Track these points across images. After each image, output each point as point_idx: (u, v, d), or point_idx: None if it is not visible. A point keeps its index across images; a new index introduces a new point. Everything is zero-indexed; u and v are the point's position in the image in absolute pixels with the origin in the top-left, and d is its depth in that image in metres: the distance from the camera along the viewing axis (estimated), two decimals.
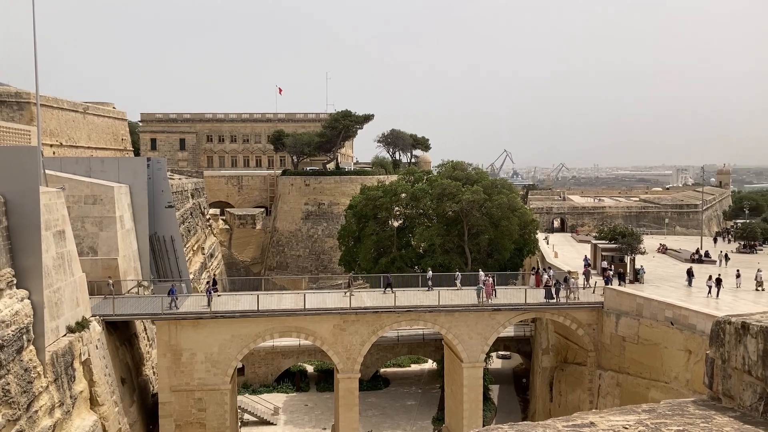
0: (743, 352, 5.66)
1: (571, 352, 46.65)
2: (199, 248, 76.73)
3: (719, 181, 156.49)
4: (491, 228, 58.35)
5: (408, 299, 44.04)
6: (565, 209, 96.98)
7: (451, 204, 58.13)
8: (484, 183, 61.89)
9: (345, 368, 42.09)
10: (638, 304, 39.25)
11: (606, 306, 41.81)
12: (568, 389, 45.68)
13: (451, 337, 42.96)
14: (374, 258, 62.88)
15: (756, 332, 5.45)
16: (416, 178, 68.04)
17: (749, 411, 5.56)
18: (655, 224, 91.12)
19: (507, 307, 43.29)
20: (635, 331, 38.96)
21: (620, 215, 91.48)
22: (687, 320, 34.77)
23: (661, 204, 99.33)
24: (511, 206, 59.69)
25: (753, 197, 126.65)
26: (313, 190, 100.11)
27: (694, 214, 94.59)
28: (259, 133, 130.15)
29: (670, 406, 5.77)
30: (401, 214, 65.11)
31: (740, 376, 5.74)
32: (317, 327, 41.89)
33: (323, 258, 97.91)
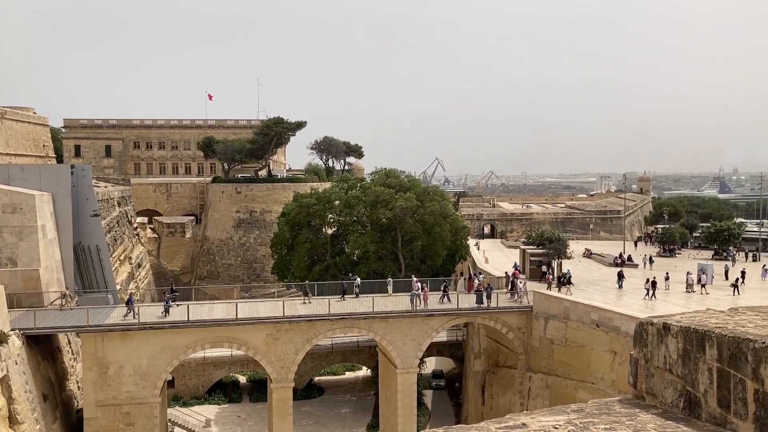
0: (665, 352, 5.94)
1: (502, 356, 47.59)
2: (126, 258, 74.38)
3: (640, 188, 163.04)
4: (424, 234, 58.99)
5: (342, 307, 43.96)
6: (495, 216, 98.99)
7: (385, 211, 58.45)
8: (417, 190, 62.51)
9: (278, 378, 41.60)
10: (565, 308, 40.43)
11: (535, 310, 42.88)
12: (499, 392, 46.57)
13: (385, 343, 43.11)
14: (308, 266, 62.50)
15: (676, 332, 5.74)
16: (350, 185, 68.14)
17: (671, 408, 5.84)
18: (580, 229, 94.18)
19: (440, 312, 43.80)
20: (563, 333, 40.10)
21: (547, 221, 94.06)
22: (612, 322, 36.05)
23: (585, 210, 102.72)
24: (443, 213, 60.50)
25: (672, 203, 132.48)
26: (244, 197, 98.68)
27: (617, 219, 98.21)
28: (188, 139, 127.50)
29: (598, 406, 6.00)
30: (335, 221, 65.01)
31: (662, 375, 6.02)
32: (250, 336, 41.28)
33: (255, 266, 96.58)
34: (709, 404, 5.23)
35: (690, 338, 5.51)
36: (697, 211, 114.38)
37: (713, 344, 5.14)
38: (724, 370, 4.97)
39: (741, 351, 4.74)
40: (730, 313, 6.20)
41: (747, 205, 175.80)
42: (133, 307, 40.94)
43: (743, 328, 5.20)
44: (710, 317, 6.02)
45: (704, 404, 5.30)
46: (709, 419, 5.24)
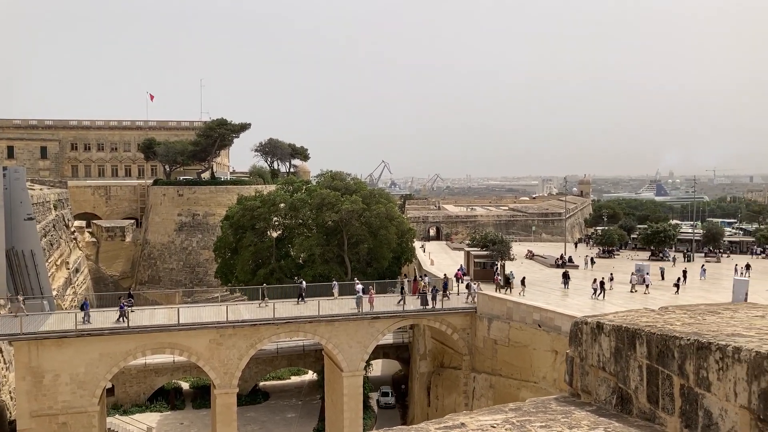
0: (598, 350, 6.10)
1: (447, 357, 48.04)
2: (63, 263, 71.97)
3: (581, 191, 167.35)
4: (370, 237, 59.08)
5: (287, 311, 43.60)
6: (441, 218, 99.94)
7: (331, 214, 58.30)
8: (363, 193, 62.59)
9: (222, 383, 40.96)
10: (508, 308, 41.12)
11: (479, 311, 43.45)
12: (444, 393, 46.98)
13: (331, 346, 42.96)
14: (252, 270, 61.78)
15: (609, 331, 5.90)
16: (295, 188, 67.69)
17: (604, 405, 5.99)
18: (523, 231, 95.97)
19: (386, 314, 43.92)
20: (506, 334, 40.76)
21: (491, 223, 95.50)
22: (553, 322, 36.85)
23: (528, 213, 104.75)
24: (389, 216, 60.74)
25: (611, 206, 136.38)
26: (187, 200, 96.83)
27: (558, 221, 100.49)
28: (128, 141, 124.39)
29: (535, 404, 6.11)
30: (280, 224, 64.45)
31: (596, 373, 6.18)
32: (192, 342, 40.50)
33: (198, 271, 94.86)
34: (639, 400, 5.38)
35: (622, 337, 5.67)
36: (635, 214, 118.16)
37: (643, 342, 5.30)
38: (653, 367, 5.13)
39: (668, 348, 4.90)
40: (661, 312, 6.40)
41: (682, 207, 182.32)
42: (89, 312, 39.88)
43: (671, 326, 5.38)
44: (642, 316, 6.20)
45: (635, 400, 5.45)
46: (639, 414, 5.40)
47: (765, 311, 6.17)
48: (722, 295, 45.91)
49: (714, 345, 4.35)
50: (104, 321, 40.48)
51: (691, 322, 5.64)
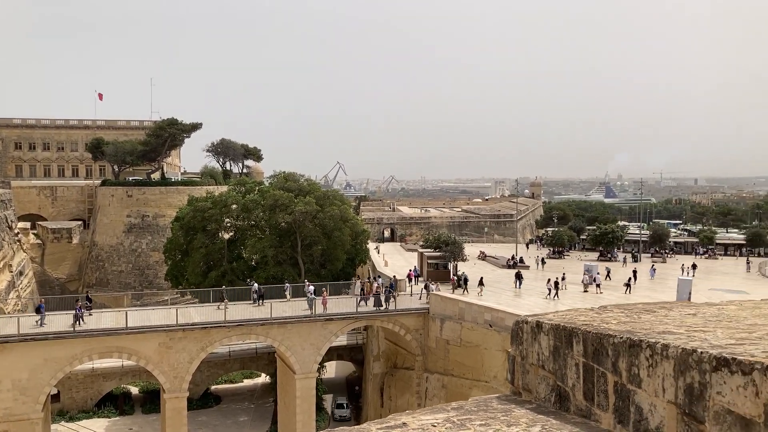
0: (538, 349, 6.21)
1: (401, 357, 48.21)
2: (6, 266, 69.62)
3: (532, 193, 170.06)
4: (324, 239, 58.87)
5: (239, 313, 43.11)
6: (395, 219, 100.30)
7: (284, 215, 57.88)
8: (317, 194, 62.33)
9: (172, 387, 40.23)
10: (461, 309, 41.50)
11: (432, 311, 43.74)
12: (397, 394, 47.13)
13: (283, 349, 42.65)
14: (203, 272, 60.87)
15: (548, 330, 6.01)
16: (248, 189, 66.95)
17: (544, 402, 6.10)
18: (476, 233, 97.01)
19: (339, 316, 43.83)
20: (458, 334, 41.14)
21: (445, 225, 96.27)
22: (504, 322, 37.34)
23: (481, 214, 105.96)
24: (344, 217, 60.63)
25: (561, 207, 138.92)
26: (136, 201, 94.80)
27: (510, 223, 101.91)
28: (75, 140, 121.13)
29: (477, 403, 6.17)
30: (232, 225, 63.67)
31: (536, 371, 6.28)
32: (141, 346, 39.68)
33: (148, 273, 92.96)
34: (576, 397, 5.49)
35: (560, 335, 5.77)
36: (585, 215, 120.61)
37: (579, 341, 5.41)
38: (589, 365, 5.24)
39: (603, 346, 5.01)
40: (599, 311, 6.55)
41: (630, 209, 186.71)
42: (44, 314, 38.76)
43: (607, 325, 5.51)
44: (580, 315, 6.33)
45: (572, 398, 5.56)
46: (576, 412, 5.51)
47: (698, 309, 6.37)
48: (668, 294, 47.27)
49: (645, 343, 4.46)
50: (50, 325, 39.33)
51: (627, 320, 5.78)
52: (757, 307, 6.37)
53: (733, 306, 6.55)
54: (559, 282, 46.42)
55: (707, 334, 4.56)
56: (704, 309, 6.34)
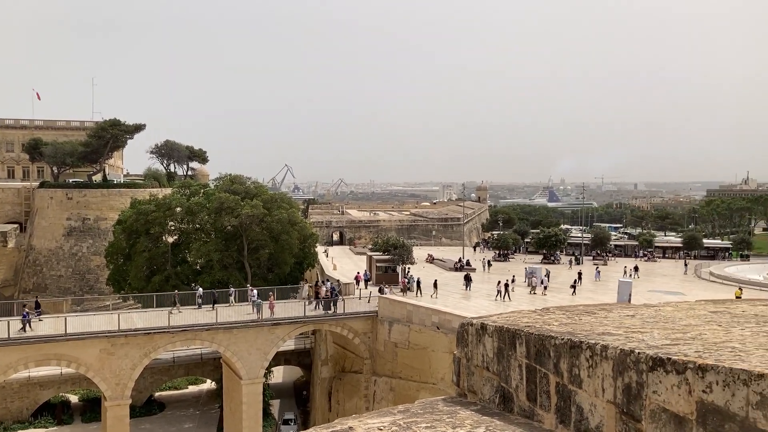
0: (483, 351, 6.28)
1: (349, 361, 48.12)
2: None
3: (478, 197, 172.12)
4: (271, 242, 58.27)
5: (184, 318, 42.30)
6: (344, 223, 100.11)
7: (230, 218, 57.06)
8: (264, 197, 61.65)
9: (114, 395, 39.16)
10: (408, 311, 41.71)
11: (380, 314, 43.81)
12: (346, 397, 47.01)
13: (229, 354, 42.04)
14: (147, 276, 59.46)
15: (492, 332, 6.09)
16: (192, 191, 65.73)
17: (488, 404, 6.18)
18: (424, 236, 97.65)
19: (287, 320, 43.48)
20: (406, 336, 41.32)
21: (393, 228, 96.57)
22: (451, 324, 37.67)
23: (429, 217, 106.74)
24: (291, 220, 60.14)
25: (506, 211, 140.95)
26: (76, 203, 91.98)
27: (457, 226, 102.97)
28: (12, 141, 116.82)
29: (423, 406, 6.21)
30: (176, 229, 62.41)
31: (481, 373, 6.36)
32: (81, 353, 38.50)
33: (89, 278, 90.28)
34: (520, 398, 5.58)
35: (503, 337, 5.86)
36: (529, 219, 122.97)
37: (523, 342, 5.50)
38: (532, 366, 5.33)
39: (545, 347, 5.11)
40: (541, 313, 6.67)
41: (572, 212, 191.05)
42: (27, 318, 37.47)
43: (549, 326, 5.62)
44: (523, 317, 6.44)
45: (516, 398, 5.65)
46: (520, 412, 5.60)
47: (636, 311, 6.56)
48: (609, 296, 48.54)
49: (585, 344, 4.57)
50: None
51: (568, 322, 5.91)
52: (691, 309, 6.59)
53: (669, 307, 6.77)
54: (509, 284, 47.30)
55: (645, 335, 4.70)
56: (642, 310, 6.53)
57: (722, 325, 5.06)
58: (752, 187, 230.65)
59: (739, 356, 3.55)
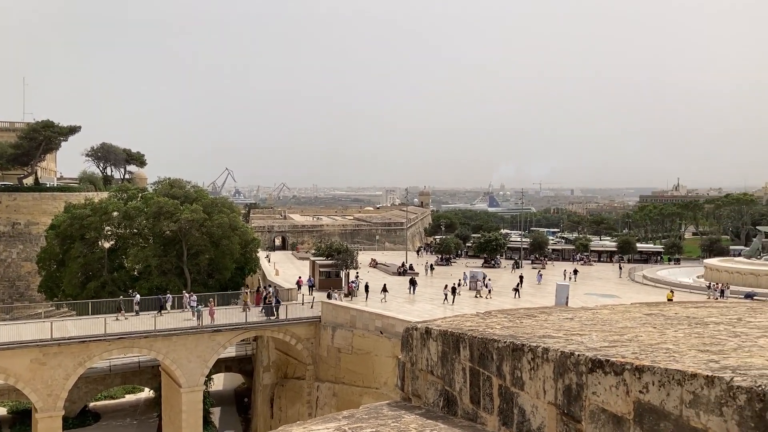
0: (427, 355, 6.34)
1: (291, 367, 47.72)
2: None
3: (421, 202, 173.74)
4: (212, 247, 57.31)
5: (120, 326, 41.14)
6: (286, 228, 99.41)
7: (169, 223, 55.86)
8: (204, 201, 60.62)
9: (45, 406, 37.71)
10: (352, 316, 41.68)
11: (323, 320, 43.62)
12: (288, 404, 46.59)
13: (168, 362, 41.09)
14: (81, 283, 57.53)
15: (436, 336, 6.15)
16: (130, 195, 64.04)
17: (432, 407, 6.23)
18: (367, 240, 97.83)
19: (227, 327, 42.80)
20: (349, 342, 41.26)
21: (337, 233, 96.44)
22: (394, 329, 37.83)
23: (372, 222, 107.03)
24: (232, 225, 59.31)
25: (448, 216, 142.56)
26: (6, 207, 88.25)
27: (400, 231, 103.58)
28: None
29: (368, 411, 6.21)
30: (113, 234, 60.64)
31: (425, 377, 6.41)
32: (9, 363, 36.94)
33: (19, 285, 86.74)
34: (463, 401, 5.65)
35: (448, 341, 5.93)
36: (470, 223, 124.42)
37: (466, 346, 5.57)
38: (475, 369, 5.41)
39: (488, 351, 5.19)
40: (484, 316, 6.78)
41: (512, 217, 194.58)
42: None
43: (492, 330, 5.71)
44: (466, 321, 6.53)
45: (460, 402, 5.72)
46: (464, 415, 5.67)
47: (574, 314, 6.73)
48: (548, 299, 49.69)
49: (527, 347, 4.66)
50: None
51: (510, 325, 6.02)
52: (627, 311, 6.81)
53: (606, 310, 6.98)
54: (456, 288, 48.03)
55: (584, 338, 4.83)
56: (580, 313, 6.71)
57: (657, 327, 5.24)
58: (682, 194, 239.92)
59: (673, 357, 3.68)
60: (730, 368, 3.19)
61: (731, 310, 6.47)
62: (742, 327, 4.97)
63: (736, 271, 63.88)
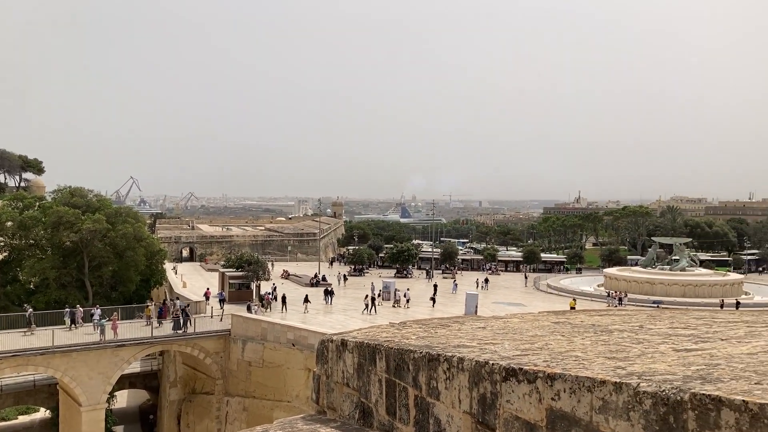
0: (343, 367, 6.30)
1: (200, 382, 46.38)
2: None
3: (334, 212, 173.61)
4: (115, 259, 55.04)
5: (13, 342, 38.69)
6: (194, 238, 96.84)
7: (69, 233, 53.22)
8: (107, 211, 58.18)
9: None
10: (263, 329, 41.00)
11: (233, 333, 42.68)
12: (196, 420, 45.22)
13: (67, 380, 39.00)
14: None
15: (352, 348, 6.12)
16: (26, 204, 60.59)
17: (348, 420, 6.19)
18: (279, 251, 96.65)
19: (132, 342, 41.12)
20: (260, 355, 40.55)
21: (247, 243, 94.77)
22: (307, 341, 37.50)
23: (284, 233, 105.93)
24: (137, 236, 57.19)
25: (361, 226, 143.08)
26: None
27: (313, 241, 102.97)
28: None
29: (282, 425, 6.10)
30: (6, 245, 57.15)
31: (341, 389, 6.37)
32: None
33: None
34: (379, 413, 5.64)
35: (363, 352, 5.91)
36: (383, 234, 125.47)
37: (382, 357, 5.57)
38: (391, 380, 5.41)
39: (404, 361, 5.21)
40: (399, 327, 6.81)
41: (423, 228, 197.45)
42: None
43: (407, 340, 5.74)
44: (383, 331, 6.54)
45: (376, 413, 5.71)
46: (379, 427, 5.66)
47: (486, 323, 6.87)
48: (459, 308, 50.68)
49: (442, 357, 4.71)
50: None
51: (425, 335, 6.07)
52: (536, 320, 7.02)
53: (516, 319, 7.17)
54: (375, 298, 48.47)
55: (497, 346, 4.93)
56: (492, 322, 6.86)
57: (565, 335, 5.43)
58: (583, 206, 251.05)
59: (582, 364, 3.81)
60: (636, 374, 3.33)
61: (633, 317, 6.80)
62: (644, 334, 5.22)
63: (633, 279, 67.37)
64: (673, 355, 3.98)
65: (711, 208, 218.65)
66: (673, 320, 6.19)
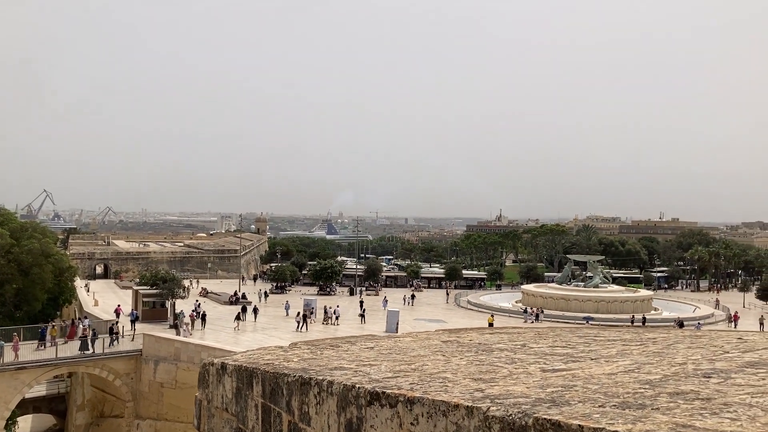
0: (222, 391, 6.01)
1: (109, 405, 44.38)
2: None
3: (258, 228, 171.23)
4: (20, 276, 52.18)
5: None
6: (109, 254, 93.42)
7: None
8: (12, 225, 55.30)
9: None
10: (176, 349, 39.68)
11: (145, 353, 41.09)
12: None
13: None
14: None
15: (231, 371, 5.85)
16: None
17: None
18: (199, 268, 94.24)
19: (34, 364, 38.92)
20: (173, 376, 39.19)
21: (165, 260, 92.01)
22: None
23: (204, 249, 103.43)
24: (45, 252, 54.46)
25: (285, 243, 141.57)
26: None
27: (234, 258, 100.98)
28: None
29: None
30: None
31: (221, 415, 6.08)
32: None
33: None
34: None
35: (242, 376, 5.65)
36: (307, 251, 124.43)
37: (259, 381, 5.33)
38: (267, 405, 5.18)
39: (279, 386, 4.99)
40: (287, 348, 6.57)
41: (349, 245, 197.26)
42: None
43: (288, 363, 5.52)
44: (267, 354, 6.28)
45: None
46: None
47: (376, 342, 6.72)
48: (380, 324, 50.64)
49: (314, 380, 4.52)
50: None
51: (309, 357, 5.86)
52: (428, 339, 6.92)
53: (408, 338, 7.05)
54: (308, 315, 48.02)
55: (373, 368, 4.77)
56: (383, 342, 6.72)
57: (446, 354, 5.34)
58: (504, 224, 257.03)
59: (446, 387, 3.70)
60: (490, 397, 3.23)
61: (521, 336, 6.80)
62: (522, 353, 5.19)
63: (549, 296, 69.19)
64: (537, 376, 3.93)
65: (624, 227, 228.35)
66: (557, 339, 6.21)
